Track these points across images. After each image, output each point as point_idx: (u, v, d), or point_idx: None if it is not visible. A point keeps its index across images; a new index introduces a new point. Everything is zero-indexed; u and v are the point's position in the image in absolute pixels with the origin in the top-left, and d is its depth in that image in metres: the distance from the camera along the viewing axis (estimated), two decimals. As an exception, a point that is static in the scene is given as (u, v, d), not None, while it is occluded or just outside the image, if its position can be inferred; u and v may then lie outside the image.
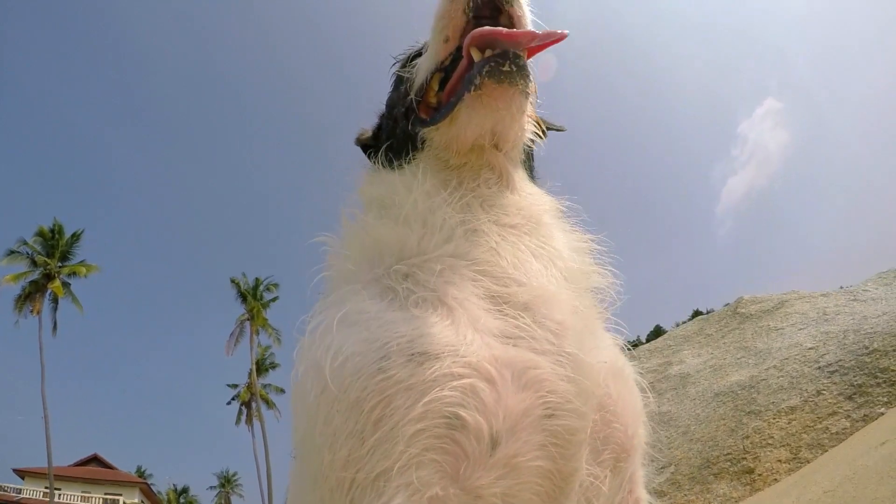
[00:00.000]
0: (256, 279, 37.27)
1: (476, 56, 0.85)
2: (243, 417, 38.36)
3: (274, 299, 37.73)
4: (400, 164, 0.98)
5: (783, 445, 4.73)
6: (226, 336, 36.87)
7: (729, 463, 5.20)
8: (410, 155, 0.98)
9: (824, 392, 5.01)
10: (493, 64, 0.82)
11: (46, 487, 29.73)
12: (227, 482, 51.16)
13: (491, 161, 0.95)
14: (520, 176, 1.00)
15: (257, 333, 36.57)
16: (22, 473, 35.46)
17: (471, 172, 0.94)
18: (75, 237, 31.10)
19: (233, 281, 36.66)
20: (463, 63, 0.89)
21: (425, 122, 0.96)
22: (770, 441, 5.13)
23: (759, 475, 4.71)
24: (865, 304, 5.15)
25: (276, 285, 37.90)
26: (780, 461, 4.66)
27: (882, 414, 4.12)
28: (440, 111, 0.93)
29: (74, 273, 30.63)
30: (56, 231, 30.58)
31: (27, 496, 33.06)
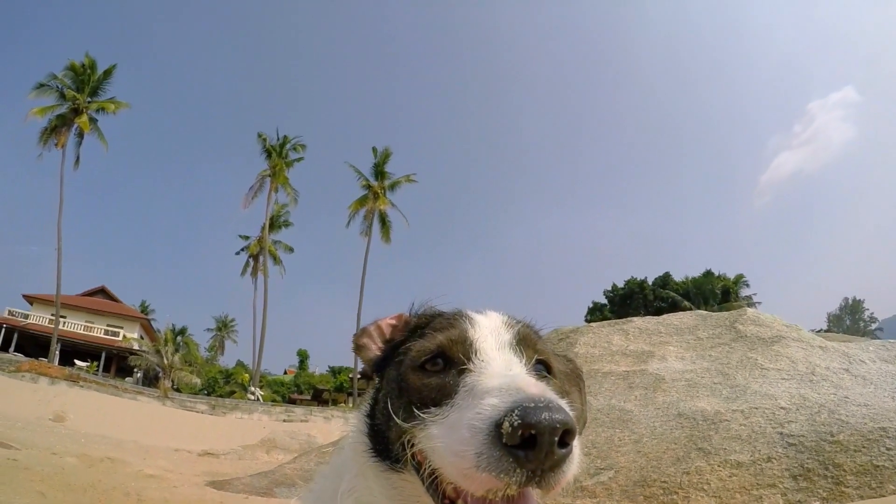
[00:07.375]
0: (285, 137, 37.01)
1: None
2: (249, 269, 39.66)
3: (299, 159, 37.86)
4: (387, 465, 0.95)
5: (715, 496, 4.83)
6: (245, 189, 37.51)
7: (662, 491, 5.35)
8: (397, 464, 0.93)
9: (774, 460, 4.98)
10: None
11: (53, 315, 31.63)
12: (223, 327, 54.10)
13: None
14: None
15: (276, 191, 37.00)
16: (31, 299, 37.50)
17: None
18: (107, 73, 30.53)
19: (260, 136, 36.46)
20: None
21: (420, 476, 0.87)
22: (705, 487, 5.22)
23: (683, 516, 4.92)
24: (854, 382, 4.96)
25: (303, 146, 37.84)
26: (705, 511, 4.83)
27: (814, 512, 4.15)
28: (443, 496, 0.84)
29: (102, 109, 30.44)
30: (88, 66, 29.80)
31: (33, 321, 34.95)
